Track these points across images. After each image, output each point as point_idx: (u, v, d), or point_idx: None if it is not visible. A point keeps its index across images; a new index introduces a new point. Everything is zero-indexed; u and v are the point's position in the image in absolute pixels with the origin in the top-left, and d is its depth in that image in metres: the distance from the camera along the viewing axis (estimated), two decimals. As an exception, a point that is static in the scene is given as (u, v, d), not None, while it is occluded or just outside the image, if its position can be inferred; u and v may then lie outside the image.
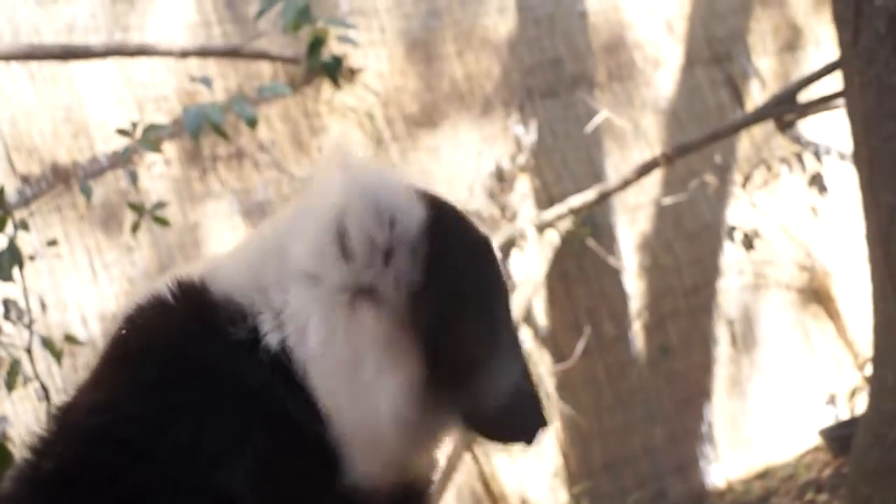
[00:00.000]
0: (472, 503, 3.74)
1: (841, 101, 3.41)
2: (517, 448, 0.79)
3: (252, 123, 2.58)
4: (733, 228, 3.96)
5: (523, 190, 3.98)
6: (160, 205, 2.57)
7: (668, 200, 4.07)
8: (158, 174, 3.56)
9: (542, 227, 3.80)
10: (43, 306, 3.19)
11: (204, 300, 0.74)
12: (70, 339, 2.65)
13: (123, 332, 0.77)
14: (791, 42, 4.63)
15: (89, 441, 0.70)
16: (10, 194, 3.20)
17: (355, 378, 0.68)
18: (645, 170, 3.68)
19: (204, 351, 0.71)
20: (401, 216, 0.70)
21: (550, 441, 3.86)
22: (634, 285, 4.11)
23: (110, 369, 0.77)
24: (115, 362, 0.77)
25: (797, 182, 4.23)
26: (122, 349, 0.77)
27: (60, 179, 3.49)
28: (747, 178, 4.15)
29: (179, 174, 3.63)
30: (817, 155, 4.21)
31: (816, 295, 4.41)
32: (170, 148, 3.65)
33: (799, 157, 4.04)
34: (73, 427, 0.73)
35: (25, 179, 3.40)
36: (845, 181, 3.98)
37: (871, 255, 3.03)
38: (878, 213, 2.98)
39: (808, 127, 4.28)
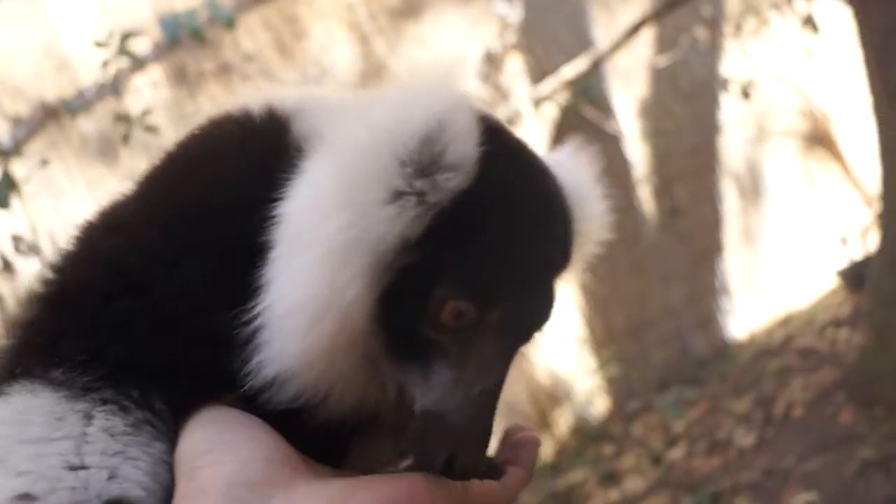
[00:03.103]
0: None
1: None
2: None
3: (229, 24, 2.53)
4: (727, 80, 3.93)
5: (515, 69, 3.95)
6: (147, 112, 2.55)
7: (660, 61, 4.02)
8: (148, 99, 3.55)
9: (537, 103, 3.78)
10: (53, 243, 3.22)
11: (280, 139, 0.68)
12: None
13: (194, 136, 0.73)
14: None
15: (93, 263, 0.68)
16: (3, 136, 3.20)
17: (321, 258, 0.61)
18: (633, 30, 3.64)
19: (249, 195, 0.65)
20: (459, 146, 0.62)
21: (573, 311, 3.91)
22: (637, 151, 4.10)
23: (153, 180, 0.72)
24: (161, 173, 0.72)
25: (789, 27, 4.18)
26: (177, 160, 0.72)
27: (50, 116, 3.49)
28: (738, 29, 4.10)
29: (169, 96, 3.61)
30: (806, -5, 4.14)
31: (819, 139, 4.40)
32: (155, 71, 3.64)
33: (788, 1, 3.97)
34: (86, 246, 0.70)
35: (16, 121, 3.39)
36: (837, 20, 3.93)
37: (870, 83, 3.01)
38: (872, 37, 2.96)
39: (793, -29, 4.21)
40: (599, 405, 3.92)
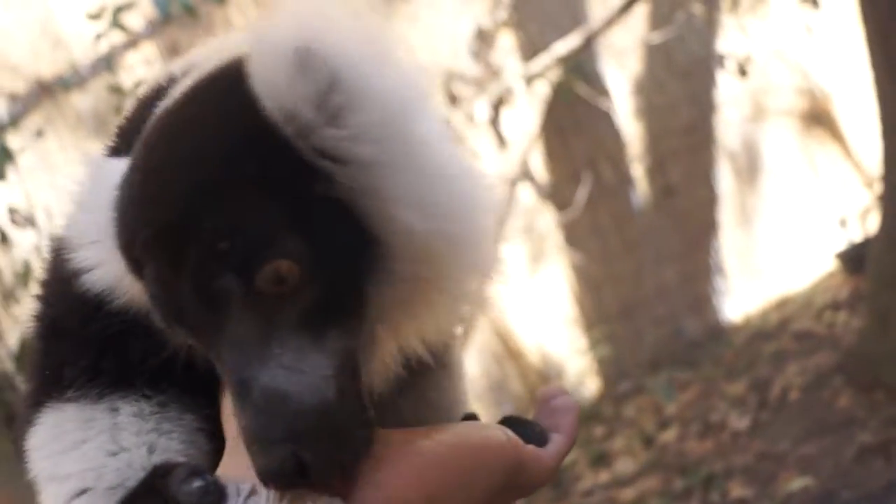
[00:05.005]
0: (494, 363, 3.78)
1: None
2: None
3: (220, -1, 2.53)
4: (723, 57, 3.86)
5: (507, 46, 3.90)
6: (140, 84, 2.55)
7: (655, 38, 3.96)
8: (141, 76, 3.54)
9: (530, 80, 3.73)
10: (49, 216, 3.23)
11: None
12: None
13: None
14: None
15: (65, 292, 0.70)
16: (0, 112, 3.25)
17: None
18: (627, 6, 3.58)
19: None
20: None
21: (564, 291, 3.88)
22: (631, 129, 4.04)
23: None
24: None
25: (788, 2, 4.11)
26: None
27: (46, 93, 3.50)
28: (735, 4, 4.03)
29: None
30: (806, -30, 4.06)
31: (818, 118, 4.33)
32: (148, 47, 3.63)
33: (787, -25, 3.90)
34: (57, 275, 0.73)
35: (13, 98, 3.43)
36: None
37: (871, 58, 2.95)
38: (875, 14, 2.90)
39: (793, -56, 4.13)
40: (591, 386, 3.89)
